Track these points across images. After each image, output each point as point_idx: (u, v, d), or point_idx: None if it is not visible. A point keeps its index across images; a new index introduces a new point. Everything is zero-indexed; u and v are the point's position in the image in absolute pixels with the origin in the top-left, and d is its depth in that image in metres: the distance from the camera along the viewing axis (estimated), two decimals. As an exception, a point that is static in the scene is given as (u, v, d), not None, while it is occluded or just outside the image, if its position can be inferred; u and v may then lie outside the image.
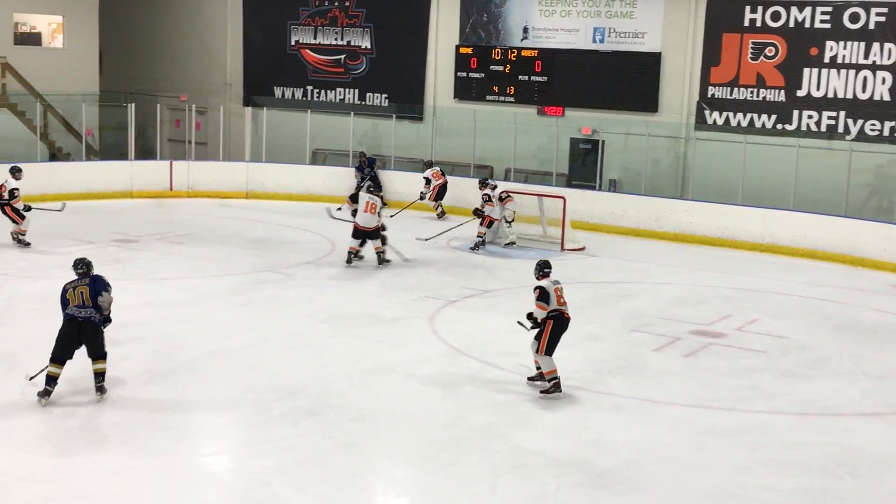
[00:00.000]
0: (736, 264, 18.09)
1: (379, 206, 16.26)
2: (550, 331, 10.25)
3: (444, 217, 21.52)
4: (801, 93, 20.39)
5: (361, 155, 23.56)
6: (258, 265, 16.17)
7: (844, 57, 19.90)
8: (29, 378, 9.74)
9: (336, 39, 26.14)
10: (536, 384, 10.44)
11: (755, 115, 20.88)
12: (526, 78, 23.29)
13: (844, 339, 13.16)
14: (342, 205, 19.08)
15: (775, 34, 20.51)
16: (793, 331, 13.39)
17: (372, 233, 16.18)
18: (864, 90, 19.80)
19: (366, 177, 22.58)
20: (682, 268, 17.56)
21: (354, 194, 18.59)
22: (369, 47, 25.70)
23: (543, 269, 10.61)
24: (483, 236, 18.42)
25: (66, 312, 9.66)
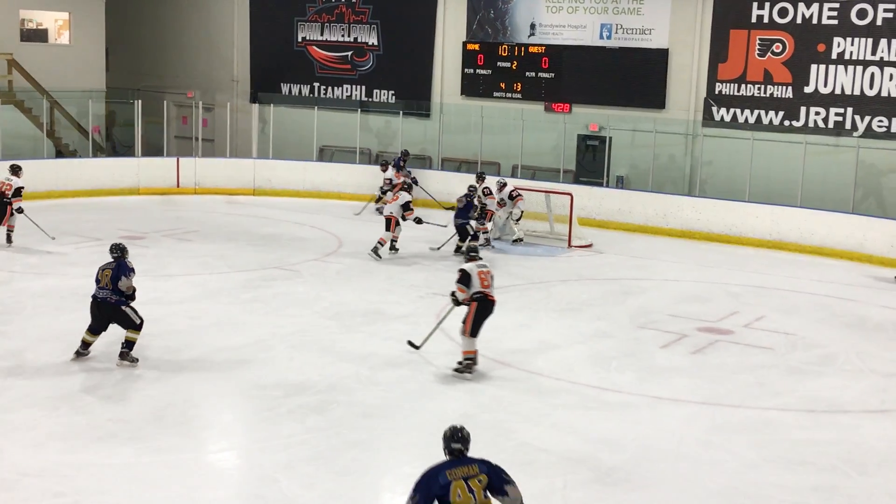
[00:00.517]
0: (743, 261, 18.07)
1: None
2: (474, 312, 10.60)
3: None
4: (809, 89, 20.36)
5: (405, 153, 22.65)
6: (266, 262, 16.19)
7: (852, 53, 19.86)
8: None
9: (343, 36, 26.14)
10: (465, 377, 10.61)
11: (762, 112, 20.84)
12: (533, 74, 23.27)
13: (852, 336, 13.14)
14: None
15: (782, 30, 20.47)
16: (800, 328, 13.37)
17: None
18: (872, 87, 19.75)
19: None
20: (690, 264, 17.55)
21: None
22: (376, 44, 25.69)
23: (469, 254, 11.12)
24: (488, 232, 18.30)
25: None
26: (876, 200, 19.79)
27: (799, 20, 20.27)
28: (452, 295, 10.82)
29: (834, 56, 20.04)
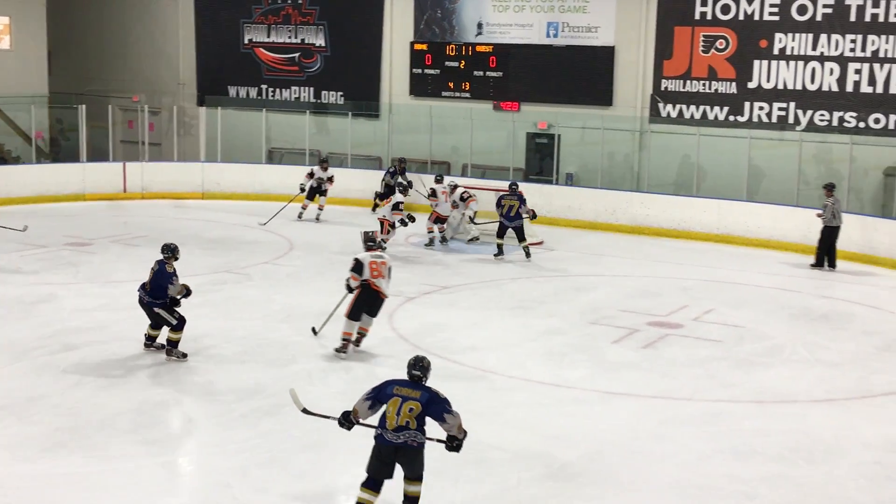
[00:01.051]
0: (692, 255, 18.27)
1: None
2: (356, 298, 11.28)
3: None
4: (752, 84, 20.64)
5: (401, 161, 22.05)
6: (216, 266, 16.06)
7: (793, 49, 20.17)
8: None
9: (290, 37, 26.02)
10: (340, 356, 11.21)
11: (708, 108, 21.09)
12: (481, 73, 23.34)
13: (799, 327, 13.35)
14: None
15: (726, 27, 20.73)
16: (748, 320, 13.55)
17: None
18: (813, 81, 20.08)
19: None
20: (639, 260, 17.71)
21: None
22: (324, 45, 25.61)
23: (367, 243, 11.66)
24: (432, 232, 18.40)
25: None
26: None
27: (741, 17, 20.54)
28: (347, 282, 11.39)
29: (776, 52, 20.34)
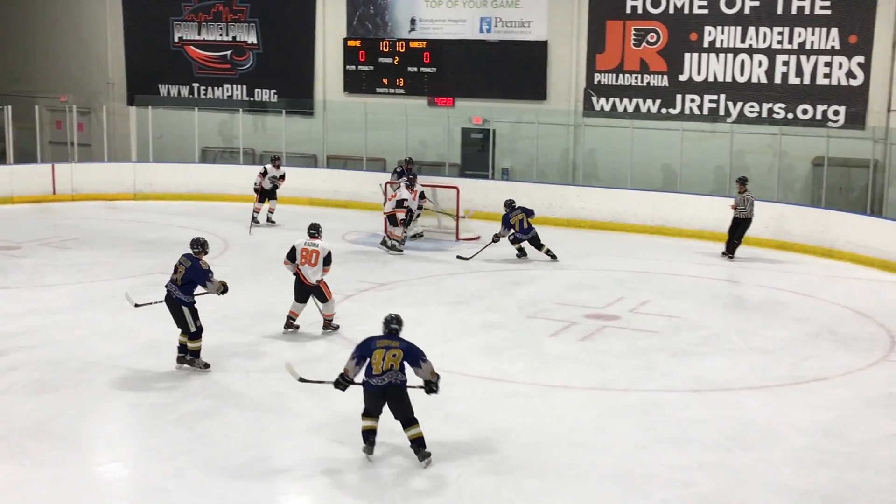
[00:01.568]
0: (628, 247, 18.45)
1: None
2: (294, 282, 12.11)
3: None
4: (683, 77, 20.89)
5: (409, 161, 20.66)
6: (150, 267, 15.82)
7: (722, 41, 20.46)
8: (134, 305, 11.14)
9: (221, 35, 25.74)
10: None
11: (640, 101, 21.31)
12: (415, 69, 23.31)
13: (733, 316, 13.55)
14: None
15: (656, 20, 20.95)
16: (684, 310, 13.72)
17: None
18: (742, 73, 20.39)
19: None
20: (576, 253, 17.81)
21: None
22: (256, 42, 25.38)
23: (309, 231, 12.21)
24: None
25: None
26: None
27: (671, 10, 20.77)
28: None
29: (706, 44, 20.61)
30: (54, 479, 7.97)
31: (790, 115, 20.04)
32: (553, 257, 16.88)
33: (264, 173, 20.12)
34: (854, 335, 12.67)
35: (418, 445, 8.28)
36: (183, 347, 10.72)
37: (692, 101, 20.89)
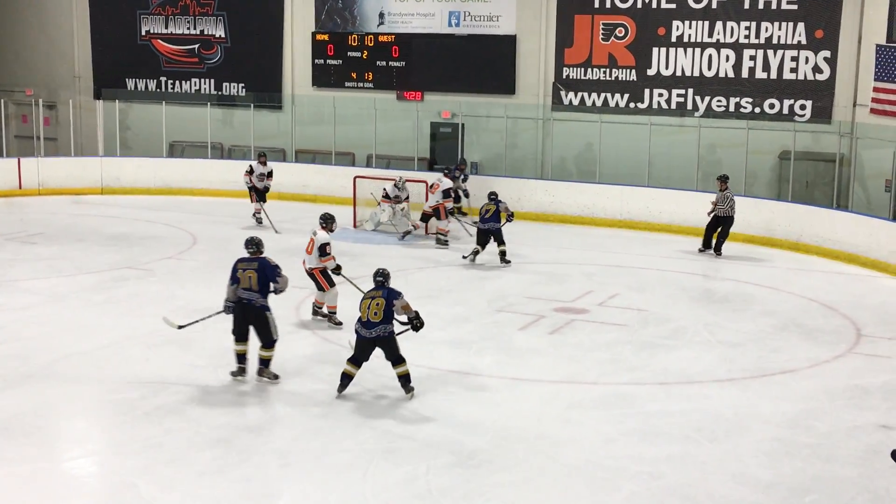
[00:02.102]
0: (596, 241, 18.52)
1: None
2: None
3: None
4: (651, 72, 21.00)
5: (461, 162, 20.73)
6: (117, 262, 15.73)
7: (690, 36, 20.58)
8: (178, 327, 10.69)
9: (188, 29, 25.57)
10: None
11: (609, 95, 21.39)
12: (384, 63, 23.27)
13: (700, 309, 13.65)
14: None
15: (624, 15, 21.04)
16: (652, 303, 13.80)
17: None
18: (710, 68, 20.52)
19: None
20: (545, 247, 17.88)
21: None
22: (223, 36, 25.23)
23: (320, 221, 12.45)
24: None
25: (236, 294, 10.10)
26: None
27: (640, 5, 20.86)
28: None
29: (674, 39, 20.72)
30: (21, 476, 7.91)
31: (757, 110, 20.20)
32: (506, 262, 16.19)
33: (251, 171, 19.21)
34: (820, 328, 12.80)
35: (405, 381, 9.69)
36: (242, 358, 10.16)
37: (660, 96, 21.00)
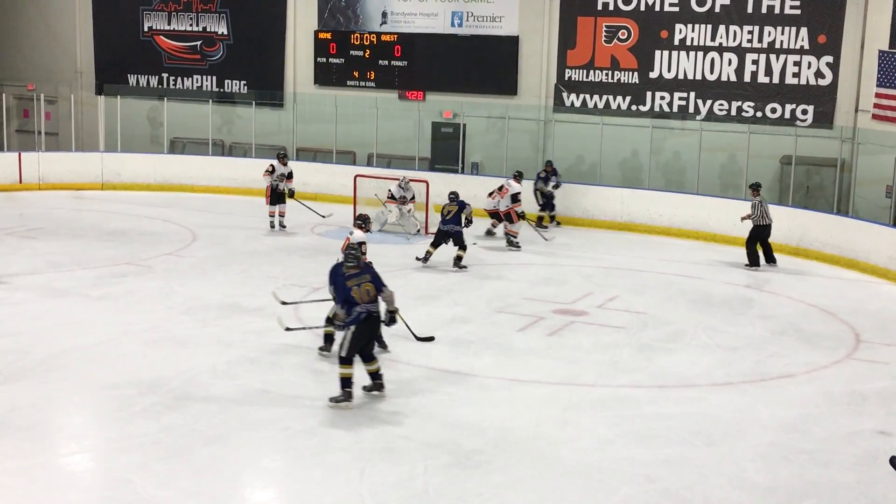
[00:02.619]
0: (596, 243, 18.52)
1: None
2: None
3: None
4: (654, 74, 21.00)
5: (548, 163, 20.23)
6: (116, 258, 15.72)
7: (693, 39, 20.58)
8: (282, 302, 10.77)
9: (191, 25, 25.57)
10: None
11: (610, 97, 21.40)
12: (386, 63, 23.27)
13: (699, 313, 13.63)
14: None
15: (627, 17, 21.04)
16: (651, 306, 13.79)
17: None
18: (712, 71, 20.53)
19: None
20: (544, 248, 17.85)
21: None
22: (226, 33, 25.23)
23: (356, 221, 12.18)
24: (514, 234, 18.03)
25: (357, 310, 9.34)
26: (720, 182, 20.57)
27: (643, 7, 20.87)
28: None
29: (676, 42, 20.72)
30: (17, 471, 7.90)
31: (759, 114, 20.20)
32: (461, 267, 15.81)
33: (272, 171, 18.39)
34: (819, 333, 12.79)
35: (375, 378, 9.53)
36: (376, 375, 9.64)
37: (662, 99, 21.00)
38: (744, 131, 19.80)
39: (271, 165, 18.53)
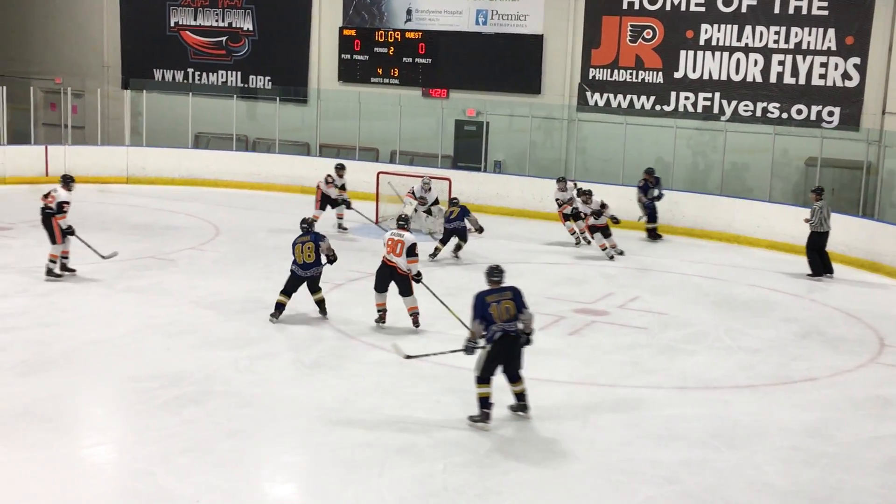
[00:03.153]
0: (618, 243, 18.42)
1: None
2: (377, 270, 12.16)
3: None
4: (678, 74, 20.91)
5: (648, 171, 19.30)
6: (140, 251, 15.82)
7: (718, 39, 20.48)
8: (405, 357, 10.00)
9: (217, 21, 25.68)
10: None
11: (635, 97, 21.33)
12: (410, 60, 23.29)
13: (721, 314, 13.57)
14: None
15: (653, 17, 20.96)
16: (672, 307, 13.74)
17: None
18: (738, 72, 20.42)
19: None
20: (566, 248, 17.82)
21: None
22: (251, 29, 25.32)
23: (398, 221, 12.37)
24: (574, 233, 18.11)
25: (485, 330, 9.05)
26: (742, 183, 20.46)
27: (668, 7, 20.78)
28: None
29: (702, 42, 20.63)
30: (41, 461, 7.97)
31: (784, 115, 20.08)
32: (456, 256, 16.42)
33: (331, 181, 18.34)
34: (842, 336, 12.71)
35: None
36: (521, 396, 9.31)
37: (686, 99, 20.92)
38: (769, 132, 19.69)
39: (331, 177, 18.43)
